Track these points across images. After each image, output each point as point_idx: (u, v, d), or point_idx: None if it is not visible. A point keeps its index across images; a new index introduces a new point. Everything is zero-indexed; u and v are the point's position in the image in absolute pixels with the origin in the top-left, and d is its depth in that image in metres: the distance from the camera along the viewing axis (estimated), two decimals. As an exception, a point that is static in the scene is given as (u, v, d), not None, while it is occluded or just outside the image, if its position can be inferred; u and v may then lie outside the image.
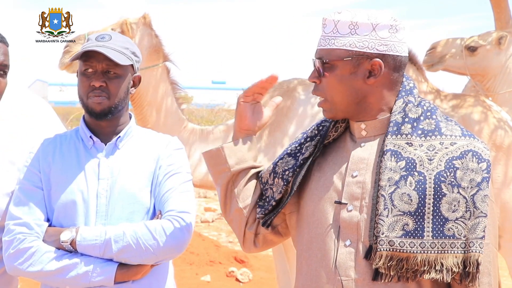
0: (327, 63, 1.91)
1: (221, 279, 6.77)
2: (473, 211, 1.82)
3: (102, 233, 2.26)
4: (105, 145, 2.40)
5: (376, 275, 1.82)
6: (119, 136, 2.40)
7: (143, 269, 2.30)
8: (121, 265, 2.28)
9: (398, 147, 1.87)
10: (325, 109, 1.96)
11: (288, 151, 2.05)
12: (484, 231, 1.82)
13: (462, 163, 1.85)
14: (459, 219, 1.82)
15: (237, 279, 6.83)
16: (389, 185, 1.83)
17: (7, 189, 2.41)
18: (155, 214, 2.37)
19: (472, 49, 5.32)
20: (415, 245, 1.81)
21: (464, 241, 1.81)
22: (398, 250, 1.81)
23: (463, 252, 1.81)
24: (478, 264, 1.81)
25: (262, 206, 2.05)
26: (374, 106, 1.94)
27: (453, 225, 1.82)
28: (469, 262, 1.81)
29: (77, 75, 2.39)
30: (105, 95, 2.33)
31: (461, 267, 1.82)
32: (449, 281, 1.82)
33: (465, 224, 1.82)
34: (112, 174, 2.36)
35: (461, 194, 1.83)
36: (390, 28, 1.90)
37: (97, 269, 2.25)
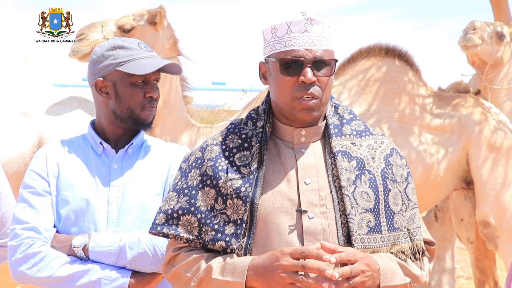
0: (336, 62, 1.93)
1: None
2: (408, 204, 1.95)
3: (116, 239, 2.19)
4: (116, 151, 2.33)
5: None
6: (131, 143, 2.33)
7: (157, 277, 2.23)
8: (135, 273, 2.21)
9: (346, 147, 1.94)
10: (316, 111, 1.92)
11: (219, 168, 1.92)
12: (420, 220, 1.96)
13: (393, 160, 1.97)
14: (400, 212, 1.93)
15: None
16: (349, 185, 1.89)
17: None
18: None
19: (502, 38, 5.12)
20: (377, 240, 1.89)
21: (406, 232, 1.93)
22: (366, 247, 1.88)
23: (410, 241, 1.93)
24: (423, 250, 1.95)
25: (231, 236, 1.87)
26: (325, 110, 1.98)
27: (398, 218, 1.93)
28: (416, 250, 1.94)
29: (114, 85, 2.28)
30: (156, 105, 2.32)
31: (409, 252, 1.93)
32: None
33: (404, 216, 1.94)
34: (123, 181, 2.29)
35: (398, 188, 1.94)
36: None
37: (111, 276, 2.18)
